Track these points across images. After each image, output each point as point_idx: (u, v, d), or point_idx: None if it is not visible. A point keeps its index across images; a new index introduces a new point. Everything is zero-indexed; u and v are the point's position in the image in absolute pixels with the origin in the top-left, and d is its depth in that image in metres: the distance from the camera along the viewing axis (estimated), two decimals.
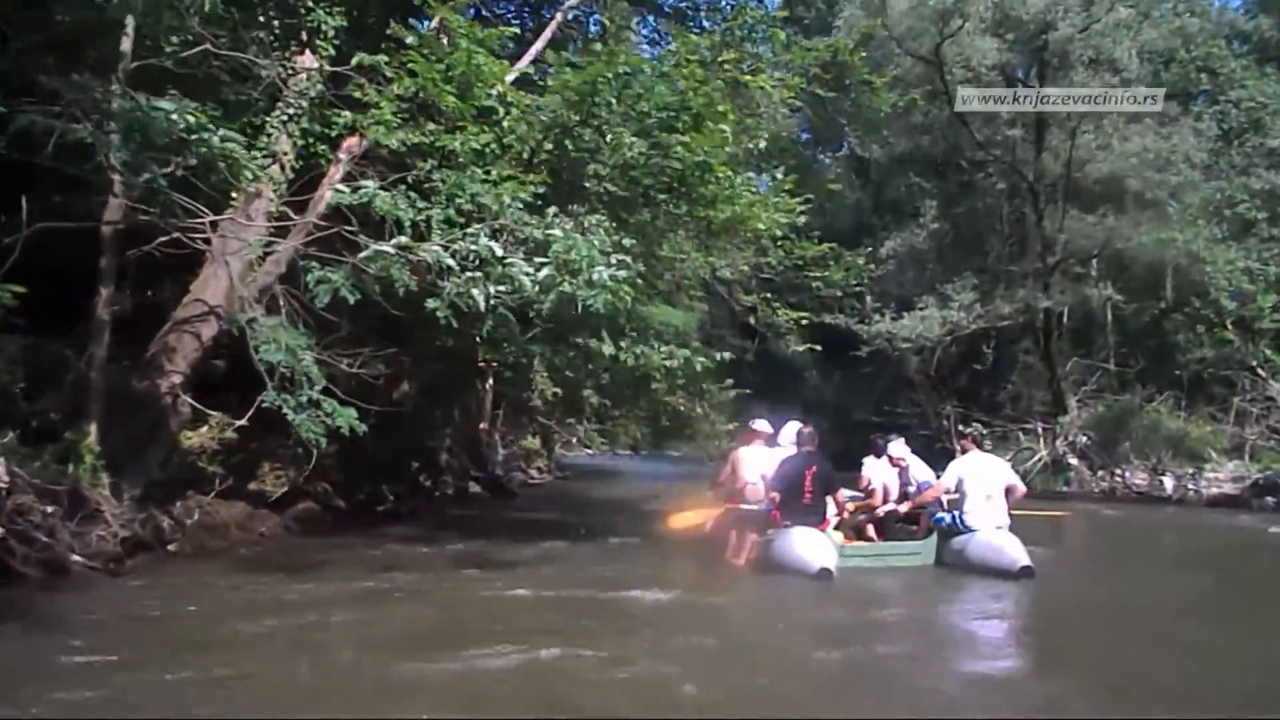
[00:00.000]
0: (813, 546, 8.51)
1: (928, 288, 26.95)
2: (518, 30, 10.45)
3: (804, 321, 14.04)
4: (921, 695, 5.26)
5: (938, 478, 10.10)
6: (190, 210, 8.34)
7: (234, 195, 9.39)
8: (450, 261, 7.15)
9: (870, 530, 10.28)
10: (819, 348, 14.69)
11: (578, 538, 12.34)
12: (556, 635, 6.18)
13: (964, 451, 10.10)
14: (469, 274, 7.17)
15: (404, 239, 7.28)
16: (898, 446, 10.52)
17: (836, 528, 9.66)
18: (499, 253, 7.14)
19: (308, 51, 9.88)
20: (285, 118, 9.52)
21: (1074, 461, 24.54)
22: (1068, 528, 15.07)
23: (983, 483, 9.35)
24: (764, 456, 9.69)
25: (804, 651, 6.24)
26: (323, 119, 9.67)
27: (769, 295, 14.11)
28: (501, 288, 7.22)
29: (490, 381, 16.53)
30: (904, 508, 10.19)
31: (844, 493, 10.07)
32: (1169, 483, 20.89)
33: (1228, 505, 19.27)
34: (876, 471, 10.54)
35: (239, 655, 5.68)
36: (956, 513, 9.43)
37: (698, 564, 9.87)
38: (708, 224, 10.21)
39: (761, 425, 10.29)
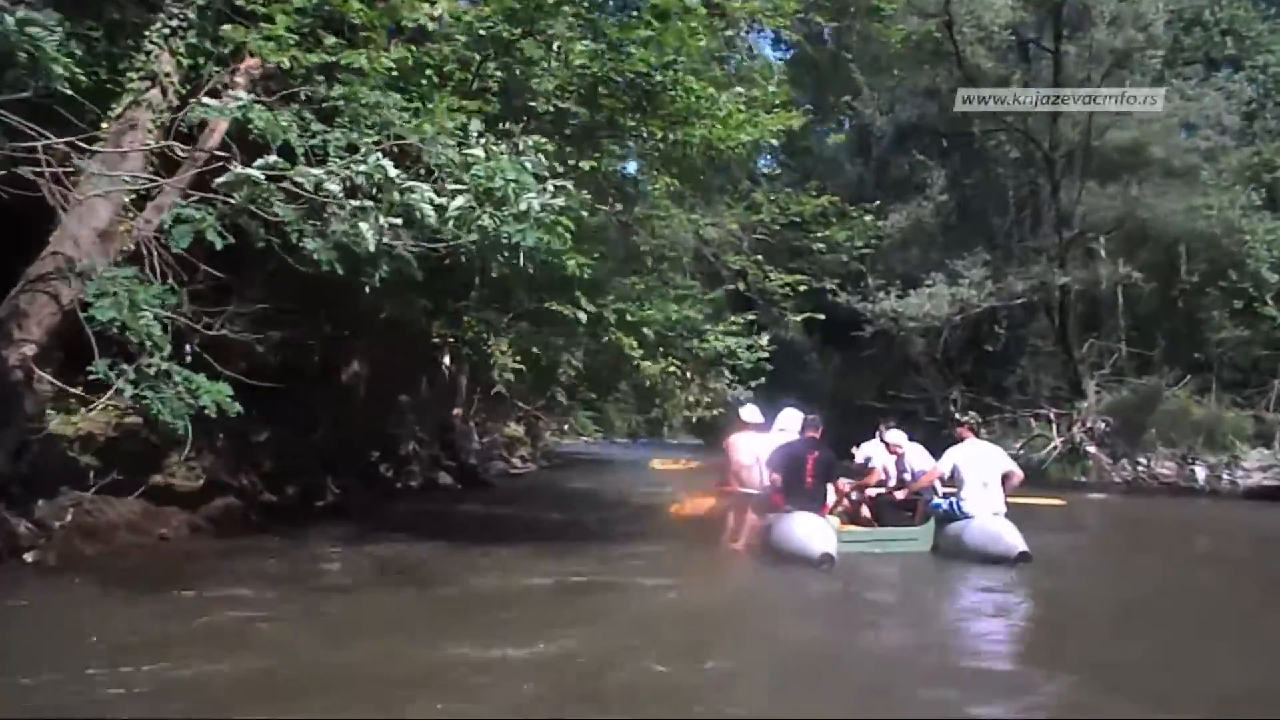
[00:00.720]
0: (814, 532, 8.45)
1: (935, 264, 25.11)
2: None
3: (802, 288, 12.22)
4: (925, 689, 5.01)
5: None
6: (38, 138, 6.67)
7: (103, 126, 7.72)
8: (332, 187, 5.43)
9: (865, 511, 10.31)
10: (821, 316, 12.80)
11: (545, 532, 11.18)
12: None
13: (960, 439, 9.86)
14: (355, 204, 5.44)
15: (273, 158, 5.57)
16: (895, 434, 10.61)
17: (833, 513, 9.64)
18: (393, 175, 5.41)
19: None
20: (167, 31, 7.77)
21: (1092, 450, 22.85)
22: (1088, 518, 13.97)
23: (979, 469, 9.37)
24: (758, 442, 9.63)
25: (803, 642, 6.07)
26: (214, 35, 7.91)
27: (761, 258, 12.27)
28: (399, 221, 5.51)
29: (448, 360, 14.77)
30: (901, 494, 10.24)
31: (844, 481, 10.16)
32: (1200, 472, 19.20)
33: (1267, 497, 17.61)
34: (875, 453, 10.72)
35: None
36: (954, 499, 9.41)
37: (689, 552, 9.64)
38: (683, 152, 8.48)
39: (750, 413, 10.10)
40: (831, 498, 9.53)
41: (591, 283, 8.45)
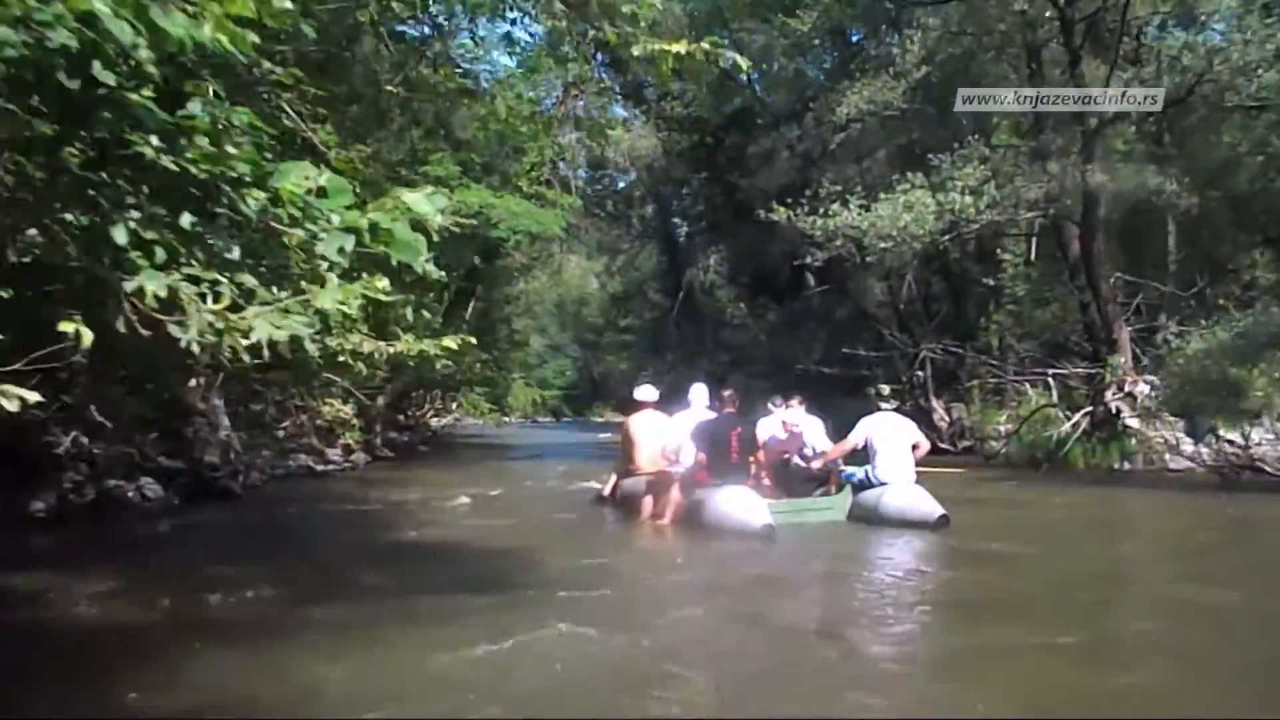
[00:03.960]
0: (750, 505, 8.65)
1: (908, 162, 17.96)
2: None
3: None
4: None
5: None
6: None
7: None
8: None
9: (766, 481, 10.05)
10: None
11: None
12: None
13: (874, 410, 9.89)
14: None
15: None
16: (794, 412, 10.40)
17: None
18: None
19: None
20: None
21: (1135, 424, 16.05)
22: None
23: (891, 438, 9.51)
24: (659, 422, 10.20)
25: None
26: None
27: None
28: None
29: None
30: (816, 464, 10.10)
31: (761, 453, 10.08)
32: None
33: None
34: (774, 429, 10.52)
35: None
36: (868, 468, 9.50)
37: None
38: None
39: (646, 393, 10.55)
40: (754, 469, 9.72)
41: None
